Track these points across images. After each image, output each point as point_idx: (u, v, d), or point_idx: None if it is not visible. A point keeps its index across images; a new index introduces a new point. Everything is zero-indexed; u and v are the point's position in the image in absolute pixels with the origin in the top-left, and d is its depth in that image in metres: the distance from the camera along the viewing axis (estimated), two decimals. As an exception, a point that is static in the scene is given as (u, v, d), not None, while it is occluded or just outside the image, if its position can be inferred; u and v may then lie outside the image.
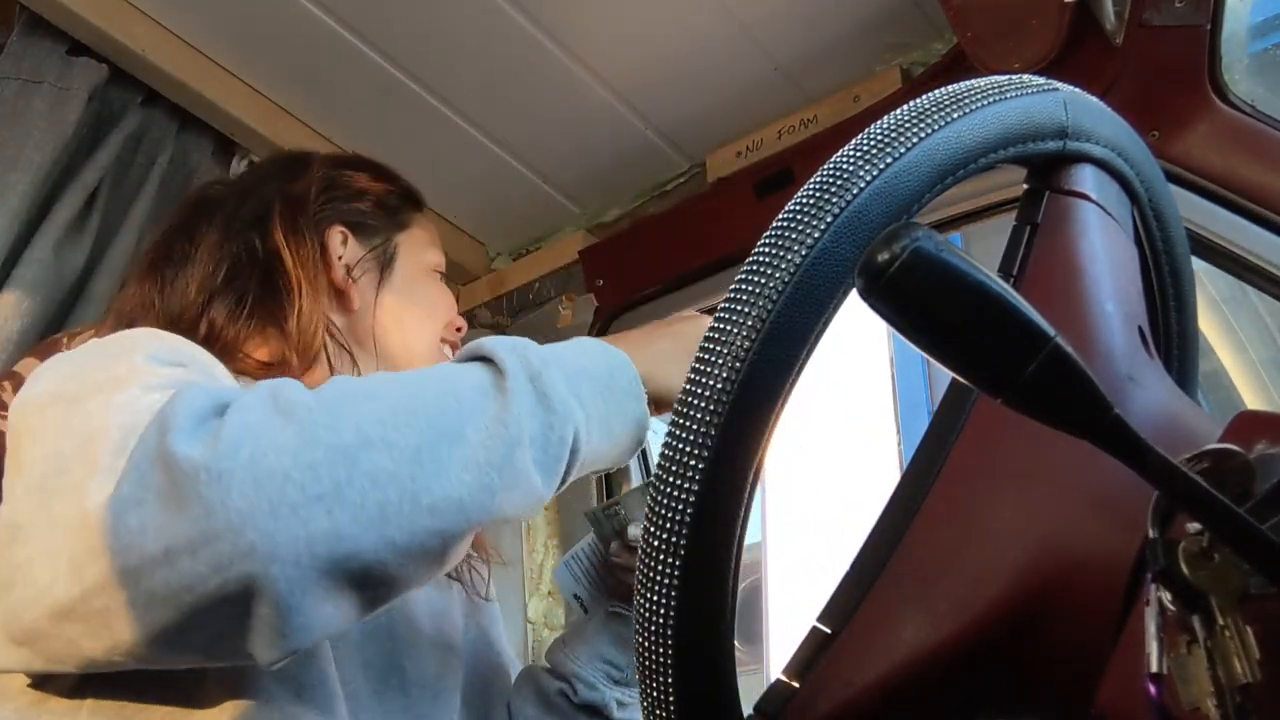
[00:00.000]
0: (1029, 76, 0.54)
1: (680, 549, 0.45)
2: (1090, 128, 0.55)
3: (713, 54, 1.44)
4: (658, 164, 1.64)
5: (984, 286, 0.36)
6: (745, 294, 0.46)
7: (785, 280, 0.46)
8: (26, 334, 1.32)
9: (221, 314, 0.89)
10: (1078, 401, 0.35)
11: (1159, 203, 0.61)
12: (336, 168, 1.03)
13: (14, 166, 1.35)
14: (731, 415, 0.45)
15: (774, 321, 0.45)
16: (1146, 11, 1.03)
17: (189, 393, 0.59)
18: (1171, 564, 0.36)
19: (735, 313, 0.46)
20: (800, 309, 0.46)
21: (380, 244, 0.99)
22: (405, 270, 1.00)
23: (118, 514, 0.55)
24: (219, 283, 0.90)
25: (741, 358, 0.45)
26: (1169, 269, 0.63)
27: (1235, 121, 1.02)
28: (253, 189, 0.98)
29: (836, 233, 0.46)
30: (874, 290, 0.36)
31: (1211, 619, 0.35)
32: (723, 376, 0.45)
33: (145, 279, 0.93)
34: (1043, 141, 0.53)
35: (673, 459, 0.46)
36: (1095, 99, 0.57)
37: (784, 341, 0.46)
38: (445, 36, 1.45)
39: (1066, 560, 0.44)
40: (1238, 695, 0.33)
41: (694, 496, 0.45)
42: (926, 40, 1.38)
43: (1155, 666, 0.36)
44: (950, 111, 0.49)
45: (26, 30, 1.45)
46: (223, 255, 0.92)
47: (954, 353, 0.36)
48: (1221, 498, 0.34)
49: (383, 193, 1.03)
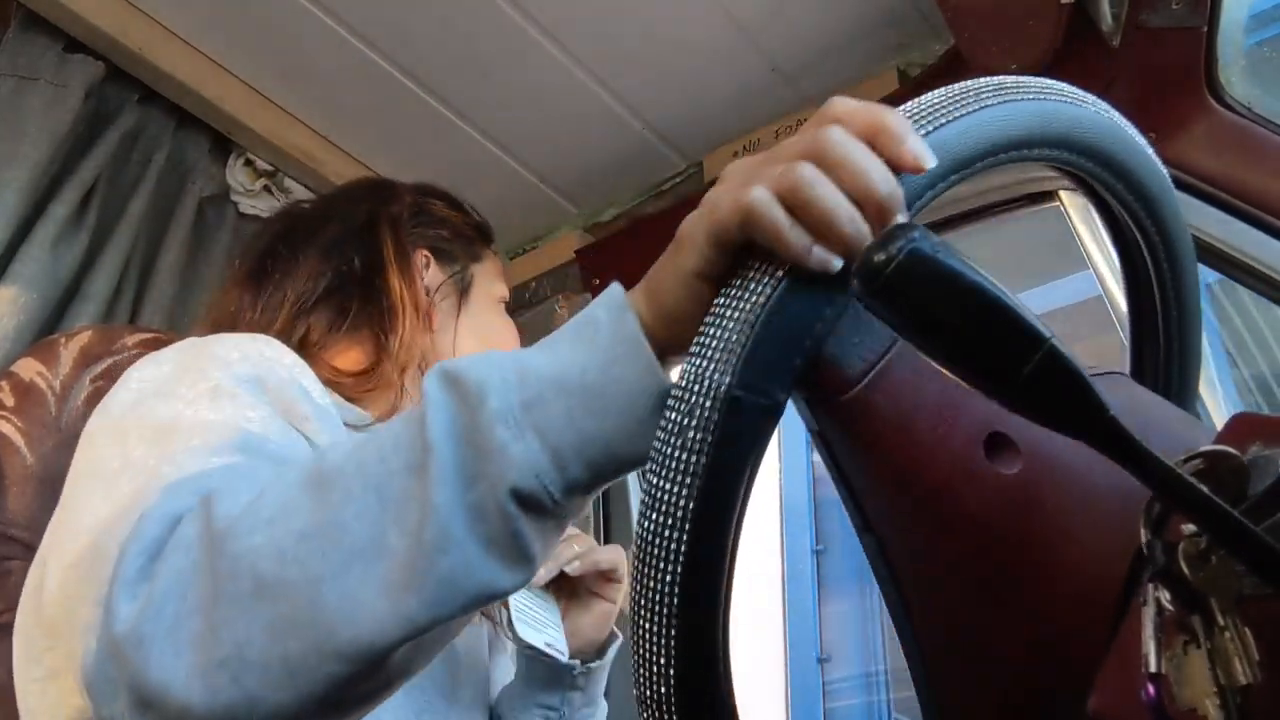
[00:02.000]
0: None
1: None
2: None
3: (710, 54, 1.44)
4: (655, 164, 1.64)
5: (980, 287, 0.36)
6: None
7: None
8: (22, 331, 1.32)
9: (320, 324, 0.92)
10: (1074, 402, 0.35)
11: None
12: (424, 195, 1.07)
13: (10, 164, 1.35)
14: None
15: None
16: (1143, 13, 1.03)
17: (145, 525, 0.56)
18: (1171, 564, 0.36)
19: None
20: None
21: (459, 271, 1.03)
22: (479, 298, 1.03)
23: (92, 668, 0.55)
24: (319, 294, 0.93)
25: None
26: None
27: (1232, 123, 1.02)
28: (351, 209, 1.02)
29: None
30: (871, 291, 0.36)
31: (1212, 620, 0.35)
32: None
33: (244, 286, 0.96)
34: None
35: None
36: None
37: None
38: (443, 35, 1.45)
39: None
40: (1238, 696, 0.33)
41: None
42: (924, 41, 1.38)
43: (1154, 667, 0.35)
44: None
45: (23, 27, 1.45)
46: (324, 269, 0.94)
47: (951, 353, 0.37)
48: (1216, 499, 0.34)
49: (460, 223, 1.06)
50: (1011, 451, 0.47)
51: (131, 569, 0.54)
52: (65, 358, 0.98)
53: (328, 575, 0.50)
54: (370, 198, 1.04)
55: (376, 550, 0.50)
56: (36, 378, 0.96)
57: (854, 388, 0.47)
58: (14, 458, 0.92)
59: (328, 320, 0.93)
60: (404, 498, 0.50)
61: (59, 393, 0.96)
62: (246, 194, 1.68)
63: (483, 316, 1.03)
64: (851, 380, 0.48)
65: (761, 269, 0.45)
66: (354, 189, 1.10)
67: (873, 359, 0.48)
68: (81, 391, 0.96)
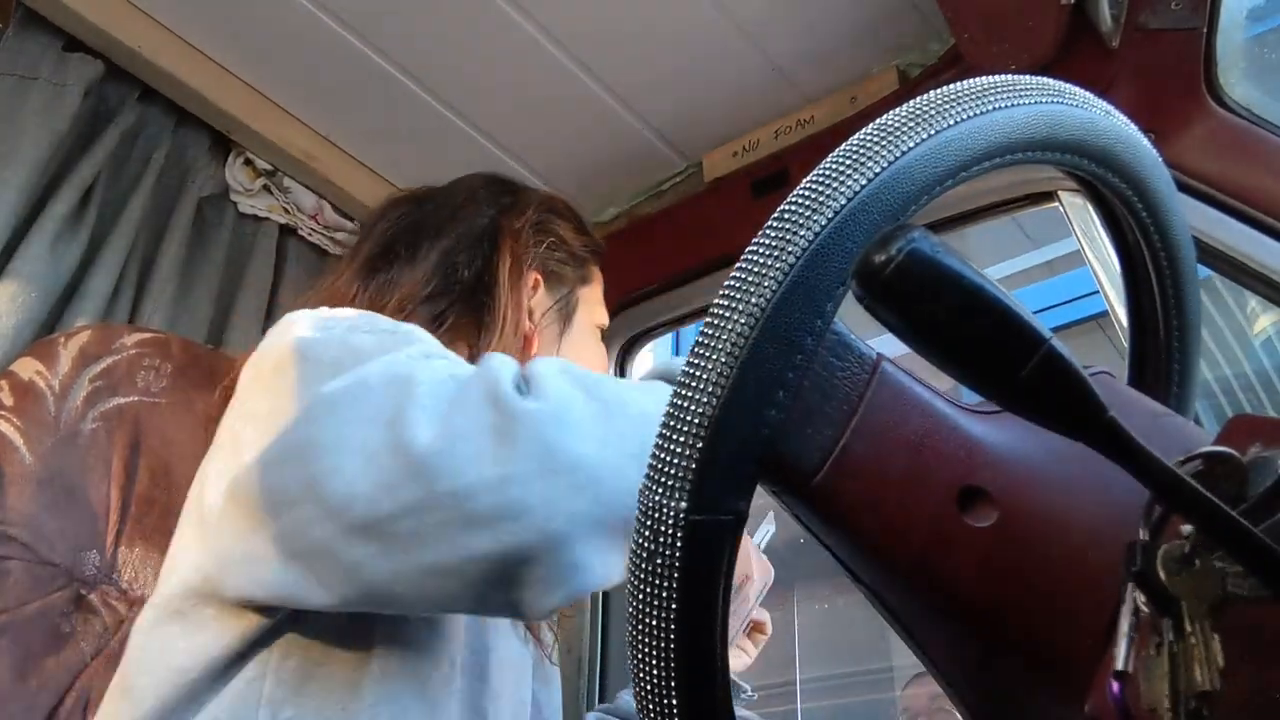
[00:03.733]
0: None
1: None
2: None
3: (710, 54, 1.44)
4: (655, 164, 1.64)
5: (980, 288, 0.36)
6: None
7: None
8: (21, 330, 1.32)
9: (422, 322, 0.92)
10: (1073, 403, 0.35)
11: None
12: (548, 211, 1.06)
13: (9, 162, 1.35)
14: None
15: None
16: (1143, 14, 1.03)
17: (497, 359, 0.65)
18: (1149, 567, 0.36)
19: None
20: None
21: (565, 295, 1.03)
22: (581, 324, 1.03)
23: (449, 442, 0.59)
24: (427, 292, 0.94)
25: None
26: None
27: (1231, 125, 1.02)
28: (473, 211, 1.02)
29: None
30: (869, 292, 0.36)
31: (1180, 625, 0.35)
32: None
33: (359, 274, 0.98)
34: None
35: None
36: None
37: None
38: (442, 34, 1.45)
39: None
40: (1193, 701, 0.34)
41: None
42: (924, 41, 1.38)
43: (1120, 664, 0.36)
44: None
45: (22, 25, 1.44)
46: (437, 268, 0.96)
47: (950, 354, 0.36)
48: (1215, 500, 0.34)
49: (578, 246, 1.06)
50: (985, 503, 0.46)
51: (509, 379, 0.62)
52: (64, 357, 0.98)
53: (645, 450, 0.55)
54: (495, 202, 1.03)
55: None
56: (36, 377, 0.96)
57: (815, 476, 0.47)
58: (13, 456, 0.92)
59: (427, 319, 0.93)
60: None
61: (58, 392, 0.96)
62: (246, 193, 1.68)
63: (580, 343, 1.03)
64: (811, 470, 0.47)
65: (697, 382, 0.44)
66: (483, 188, 1.09)
67: (828, 445, 0.47)
68: (80, 391, 0.97)
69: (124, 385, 1.03)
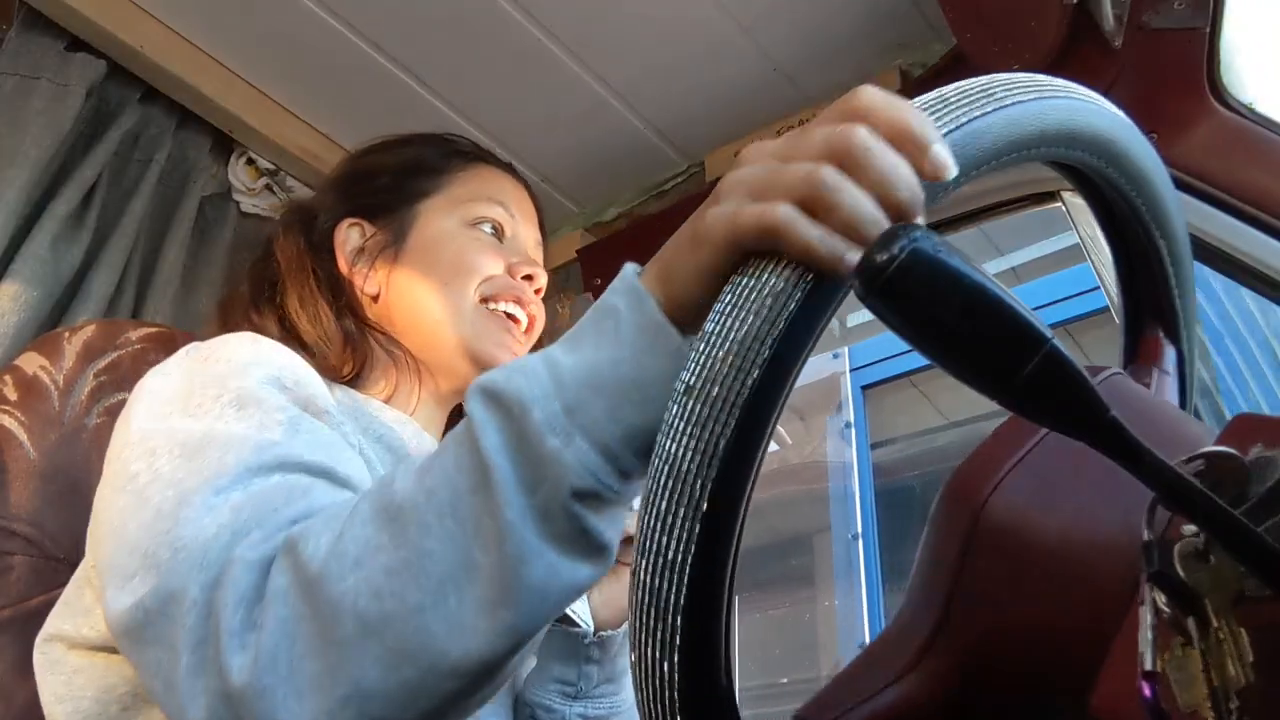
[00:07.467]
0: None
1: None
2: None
3: (712, 54, 1.44)
4: (656, 163, 1.64)
5: (982, 287, 0.36)
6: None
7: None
8: (24, 329, 1.32)
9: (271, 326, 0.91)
10: (1074, 403, 0.35)
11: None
12: (352, 163, 1.04)
13: (11, 162, 1.35)
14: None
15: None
16: (1146, 13, 1.03)
17: (235, 571, 0.58)
18: (1166, 565, 0.36)
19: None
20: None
21: (392, 221, 0.96)
22: (421, 239, 0.95)
23: (173, 684, 0.57)
24: (256, 298, 0.94)
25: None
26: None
27: (1234, 124, 1.02)
28: (266, 241, 1.01)
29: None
30: (872, 291, 0.36)
31: (1206, 622, 0.35)
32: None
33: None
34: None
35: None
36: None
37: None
38: (445, 34, 1.45)
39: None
40: (1235, 699, 0.33)
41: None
42: (926, 41, 1.38)
43: (1149, 665, 0.35)
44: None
45: (25, 26, 1.45)
46: (258, 294, 0.94)
47: (951, 354, 0.36)
48: (1217, 500, 0.34)
49: (397, 166, 0.99)
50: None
51: (235, 621, 0.56)
52: (69, 352, 0.98)
53: (427, 604, 0.52)
54: (282, 222, 1.00)
55: (466, 572, 0.52)
56: (40, 372, 0.96)
57: None
58: (17, 451, 0.92)
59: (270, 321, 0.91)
60: (477, 517, 0.52)
61: (62, 387, 0.96)
62: (248, 192, 1.68)
63: (425, 256, 0.94)
64: None
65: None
66: (287, 212, 1.04)
67: None
68: (85, 386, 0.96)
69: (129, 380, 1.03)
